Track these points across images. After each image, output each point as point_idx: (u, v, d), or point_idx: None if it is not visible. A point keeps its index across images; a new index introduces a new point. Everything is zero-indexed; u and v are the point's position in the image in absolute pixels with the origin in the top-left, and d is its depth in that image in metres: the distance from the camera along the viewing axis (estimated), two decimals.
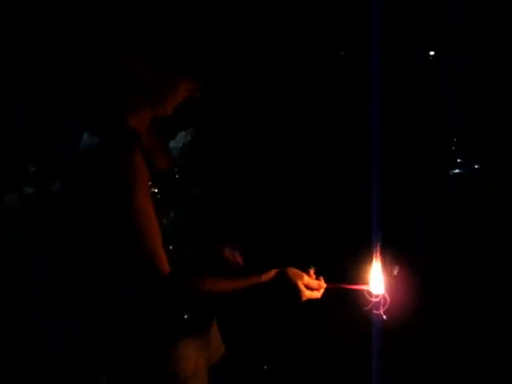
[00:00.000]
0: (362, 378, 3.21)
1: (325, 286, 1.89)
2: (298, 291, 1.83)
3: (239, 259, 2.00)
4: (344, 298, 2.00)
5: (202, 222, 1.95)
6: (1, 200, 3.32)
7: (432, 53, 3.99)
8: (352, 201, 3.86)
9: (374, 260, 1.94)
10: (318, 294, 1.88)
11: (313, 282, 1.86)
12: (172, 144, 2.20)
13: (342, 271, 1.98)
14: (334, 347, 3.39)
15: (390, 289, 1.92)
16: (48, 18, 3.12)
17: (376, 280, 1.92)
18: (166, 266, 1.74)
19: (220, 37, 1.99)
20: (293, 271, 1.84)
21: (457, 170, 3.92)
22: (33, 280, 3.08)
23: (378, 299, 1.91)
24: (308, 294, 1.85)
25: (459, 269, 3.32)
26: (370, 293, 1.92)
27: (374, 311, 1.91)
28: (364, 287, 1.92)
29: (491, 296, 3.26)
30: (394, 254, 2.00)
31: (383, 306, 1.90)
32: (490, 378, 3.09)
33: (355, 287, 1.92)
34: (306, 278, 1.85)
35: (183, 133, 2.41)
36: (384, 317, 1.90)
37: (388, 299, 1.90)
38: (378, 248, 1.95)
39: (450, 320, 3.29)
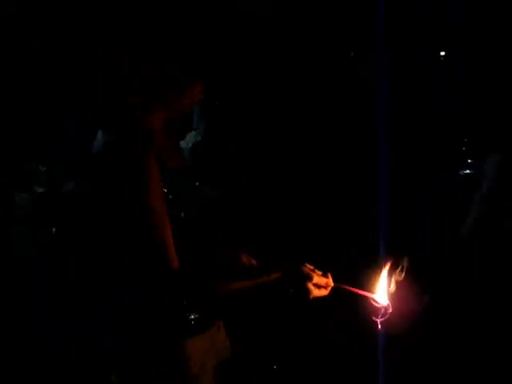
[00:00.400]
0: (362, 378, 3.21)
1: (332, 284, 1.90)
2: (306, 291, 1.84)
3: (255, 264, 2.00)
4: (344, 299, 1.99)
5: (204, 222, 1.95)
6: (11, 199, 3.32)
7: (443, 53, 3.99)
8: (353, 200, 3.86)
9: (382, 270, 1.93)
10: (325, 292, 1.89)
11: (321, 281, 1.87)
12: (182, 144, 2.20)
13: (340, 271, 1.98)
14: (334, 347, 3.39)
15: (394, 299, 1.92)
16: (48, 18, 3.12)
17: (382, 290, 1.92)
18: (177, 265, 1.74)
19: (220, 37, 1.99)
20: (301, 270, 1.85)
21: (467, 171, 3.91)
22: (33, 280, 3.08)
23: (380, 307, 1.91)
24: (316, 293, 1.86)
25: (459, 269, 3.31)
26: (374, 300, 1.92)
27: (374, 318, 1.91)
28: (369, 294, 1.92)
29: (491, 296, 3.25)
30: (396, 254, 2.00)
31: (383, 315, 1.90)
32: (490, 377, 3.09)
33: (361, 292, 1.92)
34: (315, 277, 1.86)
35: (193, 133, 2.42)
36: (379, 326, 1.90)
37: (390, 311, 1.90)
38: (387, 259, 1.95)
39: (450, 320, 3.29)
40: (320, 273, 1.89)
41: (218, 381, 2.01)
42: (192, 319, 1.84)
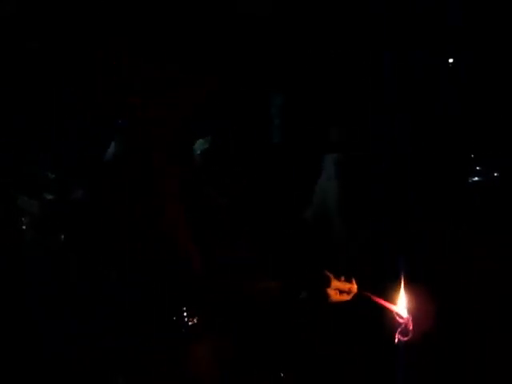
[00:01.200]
0: (362, 378, 3.20)
1: (355, 290, 1.88)
2: (324, 295, 1.83)
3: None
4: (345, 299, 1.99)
5: (204, 223, 1.95)
6: (17, 203, 3.31)
7: (451, 60, 3.99)
8: (353, 201, 3.86)
9: (402, 284, 1.91)
10: (347, 297, 1.87)
11: (343, 286, 1.86)
12: None
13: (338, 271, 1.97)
14: (334, 347, 3.39)
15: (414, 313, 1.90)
16: (48, 18, 3.12)
17: (403, 304, 1.90)
18: (185, 265, 1.75)
19: (220, 37, 1.99)
20: (321, 274, 1.85)
21: (476, 178, 3.90)
22: (33, 280, 3.07)
23: (401, 322, 1.89)
24: (336, 298, 1.85)
25: (459, 269, 3.32)
26: (397, 314, 1.90)
27: (397, 335, 1.89)
28: (393, 307, 1.89)
29: (491, 296, 3.25)
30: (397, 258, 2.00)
31: (404, 332, 1.88)
32: (490, 377, 3.09)
33: (385, 304, 1.90)
34: (335, 282, 1.84)
35: (201, 140, 2.43)
36: (397, 340, 1.88)
37: (411, 327, 1.87)
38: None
39: (450, 320, 3.29)
40: (343, 278, 1.87)
41: (218, 381, 2.01)
42: (192, 319, 1.84)
